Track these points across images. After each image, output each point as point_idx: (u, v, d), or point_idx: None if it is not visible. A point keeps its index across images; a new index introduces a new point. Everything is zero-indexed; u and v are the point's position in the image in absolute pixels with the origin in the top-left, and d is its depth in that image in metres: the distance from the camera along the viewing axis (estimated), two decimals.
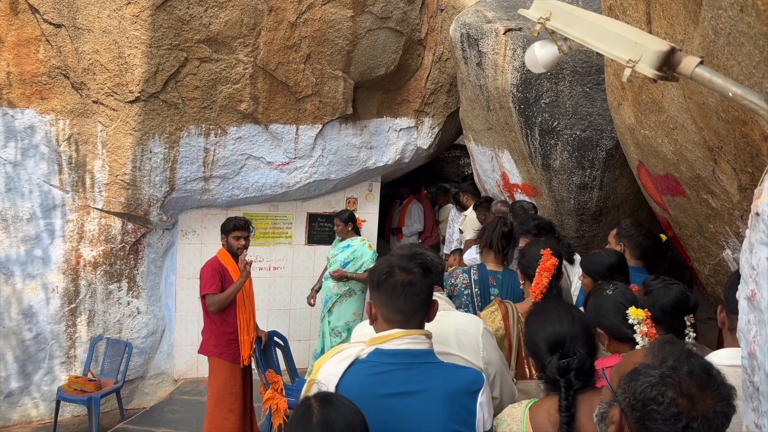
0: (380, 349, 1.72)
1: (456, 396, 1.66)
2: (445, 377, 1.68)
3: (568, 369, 1.66)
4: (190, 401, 5.58)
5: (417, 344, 1.72)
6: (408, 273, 1.72)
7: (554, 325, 1.75)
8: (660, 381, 1.19)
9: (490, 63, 4.93)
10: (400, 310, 1.72)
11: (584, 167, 4.68)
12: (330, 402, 1.46)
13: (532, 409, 1.75)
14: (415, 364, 1.68)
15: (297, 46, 5.30)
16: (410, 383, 1.66)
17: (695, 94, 2.21)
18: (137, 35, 4.83)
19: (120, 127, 5.10)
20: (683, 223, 3.30)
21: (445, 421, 1.63)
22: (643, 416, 1.19)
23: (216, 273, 4.21)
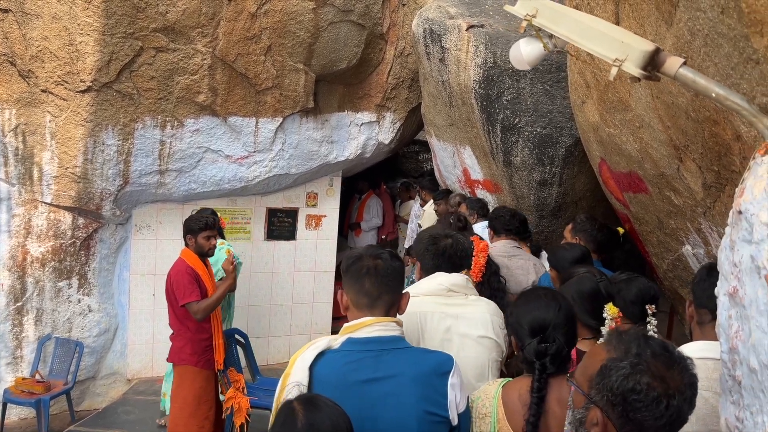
0: (352, 338, 1.76)
1: (425, 378, 1.71)
2: (414, 361, 1.74)
3: (545, 354, 1.75)
4: (145, 401, 5.41)
5: (387, 331, 1.77)
6: (375, 258, 1.79)
7: (540, 311, 1.83)
8: (632, 370, 1.22)
9: (452, 59, 4.95)
10: (365, 292, 1.77)
11: (544, 164, 4.75)
12: (315, 405, 1.43)
13: (505, 388, 1.83)
14: (385, 351, 1.73)
15: (257, 37, 5.19)
16: (380, 369, 1.71)
17: (663, 94, 2.26)
18: (89, 22, 4.63)
19: (70, 118, 4.89)
20: (644, 219, 3.39)
21: (417, 403, 1.68)
22: (626, 408, 1.21)
23: (192, 279, 3.99)
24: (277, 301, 6.39)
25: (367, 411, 1.67)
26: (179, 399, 4.10)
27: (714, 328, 1.67)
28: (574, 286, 2.31)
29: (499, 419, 1.79)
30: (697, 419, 1.73)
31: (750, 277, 1.29)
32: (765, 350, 1.24)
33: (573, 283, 2.32)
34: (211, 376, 4.18)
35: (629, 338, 1.30)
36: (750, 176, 1.34)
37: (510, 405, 1.79)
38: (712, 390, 1.75)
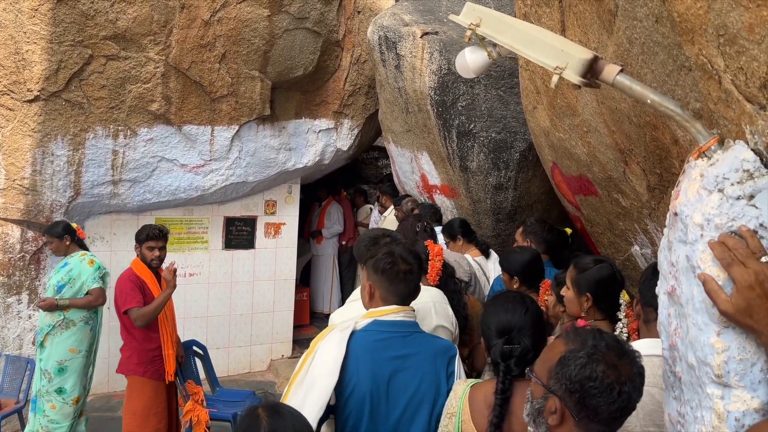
0: (378, 320, 2.07)
1: (438, 357, 2.07)
2: (430, 343, 2.11)
3: (510, 355, 1.81)
4: (100, 418, 5.27)
5: (409, 317, 2.11)
6: (408, 263, 2.10)
7: (507, 314, 1.92)
8: (589, 360, 1.33)
9: (408, 66, 5.00)
10: (399, 294, 2.09)
11: (499, 168, 4.83)
12: (278, 412, 1.47)
13: (473, 388, 1.87)
14: (409, 333, 2.08)
15: (211, 45, 5.14)
16: (406, 348, 2.05)
17: (608, 100, 2.33)
18: (36, 30, 4.52)
19: (17, 128, 4.74)
20: (595, 221, 3.48)
21: (435, 373, 2.04)
22: (582, 395, 1.31)
23: (135, 285, 3.95)
24: (236, 311, 6.31)
25: (395, 380, 2.01)
26: (128, 410, 4.06)
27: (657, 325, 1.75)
28: (594, 273, 2.38)
29: (464, 419, 1.82)
30: (645, 414, 1.79)
31: (686, 276, 1.34)
32: (701, 347, 1.29)
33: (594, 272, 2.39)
34: (161, 387, 4.10)
35: (585, 333, 1.40)
36: (685, 179, 1.39)
37: (475, 405, 1.82)
38: (658, 386, 1.80)
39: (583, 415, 1.32)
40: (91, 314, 4.41)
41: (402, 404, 2.00)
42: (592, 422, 1.32)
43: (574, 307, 2.44)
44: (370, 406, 1.97)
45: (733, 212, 1.25)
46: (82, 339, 4.37)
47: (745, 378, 1.24)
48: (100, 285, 4.34)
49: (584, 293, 2.39)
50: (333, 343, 2.00)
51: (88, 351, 4.43)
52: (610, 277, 2.40)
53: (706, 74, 1.38)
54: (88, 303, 4.28)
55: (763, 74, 1.19)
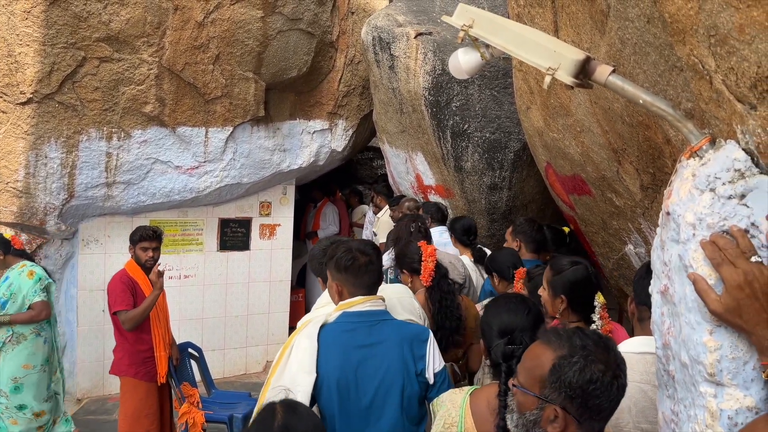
0: (347, 312, 2.17)
1: (407, 342, 2.16)
2: (397, 330, 2.20)
3: (512, 356, 1.78)
4: (96, 421, 5.26)
5: (376, 306, 2.21)
6: (366, 254, 2.20)
7: (509, 314, 1.92)
8: (586, 363, 1.31)
9: (402, 66, 5.00)
10: (365, 285, 2.20)
11: (494, 168, 4.85)
12: (294, 410, 1.53)
13: (473, 396, 1.84)
14: (375, 322, 2.17)
15: (205, 46, 5.13)
16: (373, 336, 2.14)
17: (601, 99, 2.34)
18: (29, 32, 4.50)
19: (10, 131, 4.73)
20: (589, 220, 3.49)
21: (401, 361, 2.13)
22: (585, 399, 1.30)
23: (126, 287, 3.94)
24: (231, 313, 6.30)
25: (363, 368, 2.11)
26: (122, 410, 4.07)
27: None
28: (569, 275, 2.39)
29: (467, 428, 1.77)
30: (638, 411, 1.80)
31: (678, 275, 1.35)
32: (694, 345, 1.29)
33: (569, 273, 2.40)
34: (152, 389, 4.09)
35: (568, 334, 1.38)
36: (677, 179, 1.40)
37: (479, 413, 1.79)
38: (651, 383, 1.81)
39: (585, 417, 1.31)
40: (42, 325, 4.22)
41: (371, 391, 2.10)
42: (594, 421, 1.33)
43: (549, 308, 2.44)
44: (338, 395, 2.08)
45: (725, 211, 1.25)
46: (35, 352, 4.17)
47: (738, 376, 1.25)
48: (42, 298, 4.12)
49: (559, 295, 2.38)
50: (306, 336, 2.13)
51: (45, 364, 4.22)
52: (585, 279, 2.39)
53: (697, 74, 1.39)
54: (30, 318, 4.09)
55: (753, 74, 1.20)
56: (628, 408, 1.80)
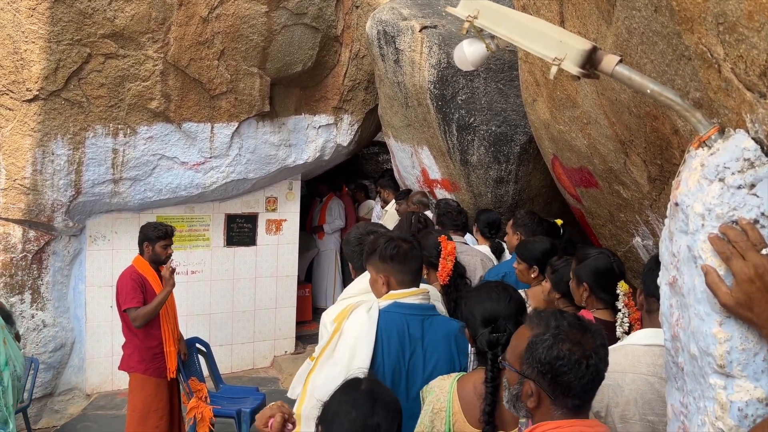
0: (398, 302, 2.18)
1: (452, 337, 2.20)
2: (444, 325, 2.24)
3: (497, 343, 1.83)
4: (105, 416, 5.29)
5: (425, 300, 2.24)
6: (407, 242, 2.24)
7: (492, 303, 1.94)
8: (555, 341, 1.39)
9: (407, 60, 4.98)
10: (411, 271, 2.22)
11: (500, 162, 4.82)
12: (377, 381, 1.62)
13: (460, 382, 1.89)
14: (426, 316, 2.20)
15: (210, 42, 5.13)
16: (425, 329, 2.17)
17: (608, 91, 2.32)
18: (34, 29, 4.51)
19: (17, 128, 4.74)
20: (596, 213, 3.47)
21: (448, 354, 2.17)
22: (554, 375, 1.38)
23: (136, 284, 3.95)
24: (239, 308, 6.32)
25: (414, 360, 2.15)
26: (130, 405, 4.08)
27: None
28: (591, 263, 2.45)
29: (455, 413, 1.82)
30: (644, 403, 1.79)
31: (687, 266, 1.34)
32: (703, 337, 1.28)
33: (590, 261, 2.45)
34: (162, 385, 4.11)
35: (547, 315, 1.47)
36: (685, 169, 1.38)
37: (465, 398, 1.84)
38: (658, 375, 1.80)
39: (557, 393, 1.38)
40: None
41: (419, 383, 2.11)
42: (567, 398, 1.38)
43: (576, 297, 2.50)
44: (391, 383, 2.08)
45: (734, 201, 1.24)
46: None
47: (748, 368, 1.23)
48: None
49: (582, 283, 2.44)
50: (361, 321, 2.11)
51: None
52: (606, 267, 2.44)
53: (705, 63, 1.37)
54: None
55: (762, 62, 1.18)
56: (634, 400, 1.80)
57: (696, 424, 1.34)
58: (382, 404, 1.47)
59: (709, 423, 1.29)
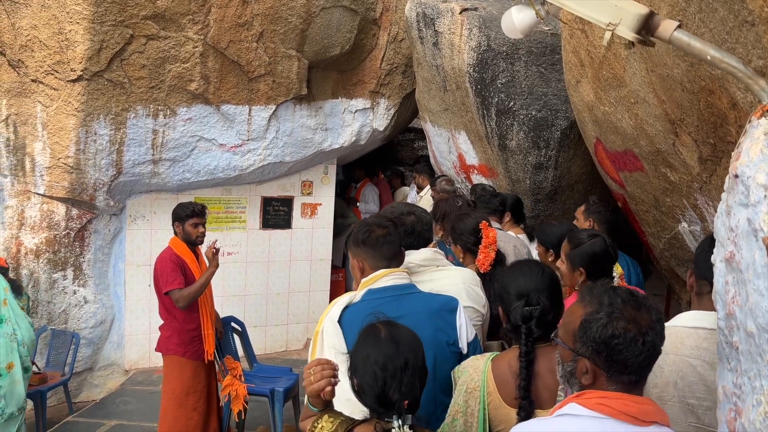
0: (371, 289, 2.09)
1: (437, 313, 2.08)
2: (426, 301, 2.11)
3: (531, 317, 1.82)
4: (142, 392, 5.41)
5: (401, 280, 2.13)
6: (383, 227, 2.16)
7: (525, 278, 1.92)
8: (609, 319, 1.37)
9: (446, 43, 4.91)
10: (384, 257, 2.13)
11: (540, 147, 4.73)
12: (393, 324, 1.65)
13: (494, 361, 1.88)
14: (402, 296, 2.08)
15: (249, 23, 5.14)
16: (400, 309, 2.02)
17: (658, 67, 2.24)
18: (78, 10, 4.58)
19: (62, 108, 4.84)
20: (640, 198, 3.37)
21: (433, 333, 2.02)
22: (610, 353, 1.36)
23: (176, 266, 3.94)
24: (273, 290, 6.37)
25: None
26: (168, 389, 4.08)
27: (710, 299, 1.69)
28: (587, 248, 2.45)
29: (490, 392, 1.81)
30: (685, 385, 1.73)
31: (747, 240, 1.28)
32: (763, 313, 1.22)
33: (586, 246, 2.46)
34: (200, 367, 4.11)
35: (599, 291, 1.44)
36: (746, 139, 1.32)
37: (500, 376, 1.81)
38: (701, 358, 1.74)
39: (613, 370, 1.37)
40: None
41: None
42: (623, 374, 1.37)
43: (567, 281, 2.49)
44: None
45: None
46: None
47: None
48: None
49: (577, 267, 2.44)
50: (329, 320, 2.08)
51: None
52: (603, 251, 2.44)
53: None
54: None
55: None
56: (674, 382, 1.75)
57: (750, 404, 1.28)
58: (404, 344, 1.56)
59: (765, 402, 1.23)
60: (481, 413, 1.80)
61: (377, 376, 1.51)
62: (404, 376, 1.51)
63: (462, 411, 1.83)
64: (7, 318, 4.13)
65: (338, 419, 1.60)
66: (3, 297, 4.12)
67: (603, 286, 1.47)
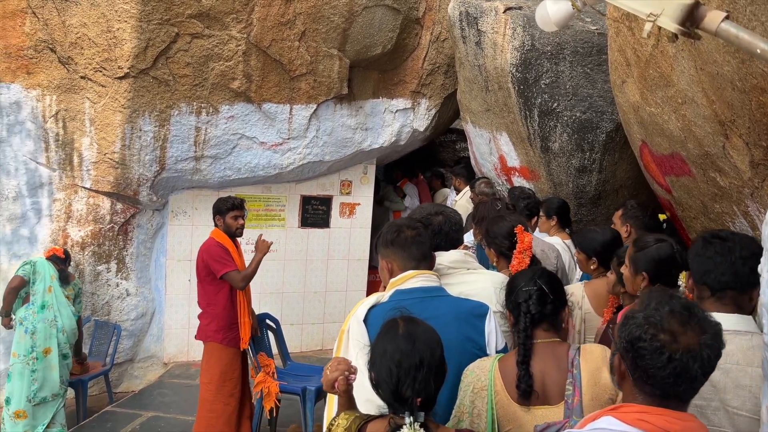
0: (399, 290, 2.07)
1: (464, 317, 2.02)
2: (454, 305, 2.06)
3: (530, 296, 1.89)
4: (179, 384, 5.49)
5: (429, 282, 2.09)
6: (413, 228, 2.14)
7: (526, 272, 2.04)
8: (644, 321, 1.32)
9: (489, 42, 4.82)
10: (414, 257, 2.10)
11: (584, 150, 4.59)
12: (413, 320, 1.65)
13: (501, 360, 1.89)
14: (429, 298, 2.04)
15: (291, 22, 5.17)
16: (426, 311, 1.91)
17: (708, 64, 2.12)
18: (126, 9, 4.69)
19: (109, 104, 4.96)
20: (687, 204, 3.22)
21: (458, 338, 1.97)
22: (635, 355, 1.32)
23: (224, 251, 4.08)
24: (310, 289, 6.39)
25: None
26: (207, 375, 4.17)
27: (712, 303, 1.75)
28: (652, 252, 2.33)
29: (497, 390, 1.80)
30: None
31: None
32: None
33: (652, 250, 2.34)
34: (236, 355, 4.20)
35: (655, 295, 1.38)
36: None
37: (508, 375, 1.81)
38: (755, 378, 1.64)
39: (637, 375, 1.33)
40: (26, 314, 4.36)
41: None
42: (646, 384, 1.31)
43: (630, 286, 2.38)
44: None
45: None
46: (19, 341, 4.32)
47: None
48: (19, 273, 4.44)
49: (640, 271, 2.32)
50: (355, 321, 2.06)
51: (27, 356, 4.28)
52: (669, 257, 2.30)
53: None
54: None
55: None
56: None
57: None
58: (420, 341, 1.56)
59: None
60: (489, 413, 1.79)
61: (392, 372, 1.52)
62: (418, 373, 1.51)
63: (468, 412, 1.83)
64: (49, 304, 4.33)
65: (353, 415, 1.63)
66: (48, 284, 4.32)
67: (664, 290, 1.43)
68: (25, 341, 4.30)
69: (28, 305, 4.39)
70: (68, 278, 4.76)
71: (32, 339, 4.31)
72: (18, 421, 4.24)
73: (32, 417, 4.29)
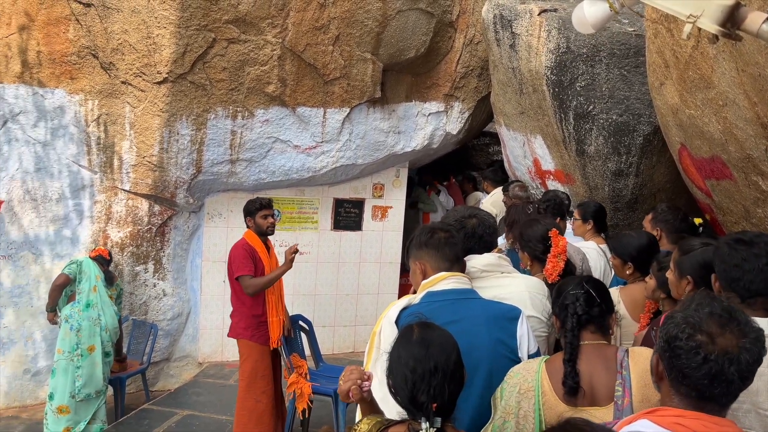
0: (431, 292, 2.06)
1: (495, 319, 2.01)
2: (486, 307, 2.05)
3: (577, 299, 1.89)
4: (213, 384, 5.58)
5: (461, 284, 2.08)
6: (445, 231, 2.17)
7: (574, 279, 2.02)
8: (682, 321, 1.33)
9: (523, 45, 4.79)
10: (447, 258, 2.10)
11: (620, 153, 4.52)
12: (428, 326, 1.66)
13: (548, 362, 1.88)
14: (461, 300, 2.04)
15: (326, 27, 5.21)
16: (458, 313, 1.98)
17: (750, 66, 2.07)
18: (166, 15, 4.79)
19: (148, 108, 5.08)
20: (728, 209, 3.15)
21: (489, 340, 1.97)
22: (671, 355, 1.32)
23: (247, 254, 4.15)
24: (342, 291, 6.42)
25: None
26: (240, 372, 4.27)
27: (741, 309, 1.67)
28: (698, 255, 2.28)
29: (545, 392, 1.80)
30: None
31: None
32: None
33: (698, 253, 2.29)
34: (266, 352, 4.26)
35: (698, 296, 1.38)
36: None
37: (555, 376, 1.80)
38: None
39: (673, 375, 1.33)
40: (72, 311, 4.47)
41: None
42: (682, 384, 1.31)
43: (674, 290, 2.33)
44: None
45: None
46: (64, 338, 4.45)
47: None
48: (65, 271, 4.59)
49: (685, 275, 2.27)
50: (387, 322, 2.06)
51: (72, 353, 4.41)
52: None
53: None
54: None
55: None
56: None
57: None
58: (435, 346, 1.56)
59: None
60: (537, 414, 1.78)
61: (407, 378, 1.53)
62: (433, 379, 1.51)
63: (514, 413, 1.81)
64: (94, 303, 4.47)
65: (374, 420, 1.63)
66: (93, 284, 4.47)
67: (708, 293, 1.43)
68: (70, 338, 4.42)
69: (74, 303, 4.53)
70: (113, 279, 4.92)
71: (77, 336, 4.44)
72: (61, 417, 4.36)
73: (75, 413, 4.41)
